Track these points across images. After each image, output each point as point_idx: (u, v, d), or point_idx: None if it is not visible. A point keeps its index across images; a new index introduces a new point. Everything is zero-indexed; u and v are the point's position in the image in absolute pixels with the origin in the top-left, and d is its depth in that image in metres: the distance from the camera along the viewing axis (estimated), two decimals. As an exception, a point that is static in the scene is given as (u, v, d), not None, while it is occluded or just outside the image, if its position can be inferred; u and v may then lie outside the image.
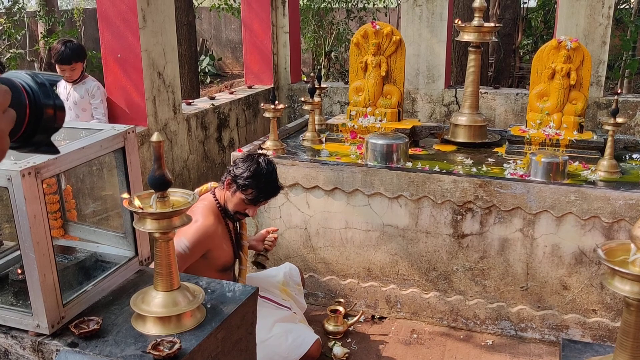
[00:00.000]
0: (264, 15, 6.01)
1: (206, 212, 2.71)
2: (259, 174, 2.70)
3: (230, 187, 2.74)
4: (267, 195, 2.77)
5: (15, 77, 0.76)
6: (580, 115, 3.76)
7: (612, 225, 3.12)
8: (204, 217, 2.68)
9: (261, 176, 2.70)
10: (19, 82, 0.76)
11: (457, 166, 3.59)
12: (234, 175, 2.71)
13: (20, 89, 0.76)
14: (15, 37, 8.15)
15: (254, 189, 2.71)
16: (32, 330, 1.73)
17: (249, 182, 2.69)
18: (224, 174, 2.84)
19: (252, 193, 2.72)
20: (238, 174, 2.70)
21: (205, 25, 15.08)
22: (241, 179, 2.69)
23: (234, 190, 2.74)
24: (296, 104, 6.17)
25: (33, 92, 0.77)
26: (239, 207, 2.77)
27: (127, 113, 4.02)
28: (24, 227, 1.61)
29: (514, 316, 3.43)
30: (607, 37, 5.13)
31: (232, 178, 2.72)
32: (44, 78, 0.80)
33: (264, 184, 2.71)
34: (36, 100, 0.77)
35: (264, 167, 2.72)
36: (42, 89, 0.78)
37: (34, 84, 0.78)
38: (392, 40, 3.99)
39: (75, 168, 2.13)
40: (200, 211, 2.71)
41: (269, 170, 2.74)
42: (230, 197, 2.76)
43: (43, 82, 0.79)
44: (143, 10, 3.85)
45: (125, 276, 2.01)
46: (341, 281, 3.73)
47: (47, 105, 0.78)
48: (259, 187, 2.71)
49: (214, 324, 1.76)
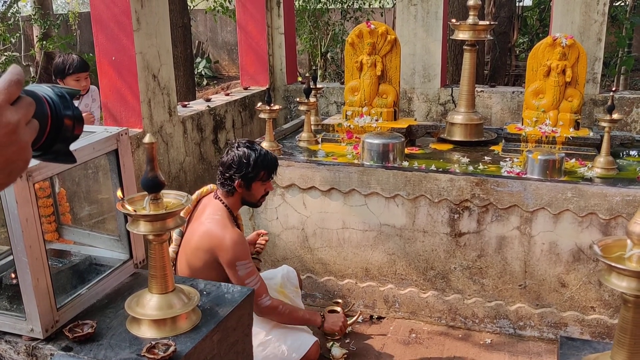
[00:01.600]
0: (259, 17, 6.00)
1: (228, 224, 2.70)
2: (256, 155, 2.74)
3: (243, 186, 2.76)
4: (274, 164, 2.83)
5: (37, 89, 0.80)
6: (576, 112, 3.75)
7: (610, 222, 3.11)
8: (231, 231, 2.67)
9: (258, 155, 2.75)
10: (41, 94, 0.80)
11: (453, 165, 3.58)
12: (241, 174, 2.73)
13: (43, 100, 0.79)
14: (9, 41, 8.13)
15: (263, 169, 2.77)
16: (26, 335, 1.72)
17: (256, 168, 2.74)
18: (220, 180, 2.81)
19: (264, 173, 2.78)
20: (243, 170, 2.72)
21: (201, 27, 15.07)
22: (250, 172, 2.73)
23: (248, 185, 2.77)
24: (292, 105, 6.16)
25: (54, 104, 0.81)
26: (260, 192, 2.84)
27: (122, 115, 4.00)
28: (16, 230, 1.60)
29: (513, 314, 3.42)
30: (603, 34, 5.13)
31: (244, 178, 2.73)
32: (64, 91, 0.84)
33: (264, 159, 2.77)
34: (57, 111, 0.81)
35: (252, 149, 2.76)
36: (62, 101, 0.82)
37: (54, 96, 0.82)
38: (387, 39, 3.98)
39: (68, 171, 2.12)
40: (222, 224, 2.68)
41: (256, 148, 2.78)
42: (248, 192, 2.79)
43: (63, 94, 0.83)
44: (137, 13, 3.84)
45: (120, 279, 2.00)
46: (339, 281, 3.72)
47: (66, 116, 0.82)
48: (264, 164, 2.77)
49: (209, 326, 1.75)
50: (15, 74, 0.70)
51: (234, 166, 2.72)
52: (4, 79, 0.69)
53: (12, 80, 0.69)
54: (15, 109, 0.69)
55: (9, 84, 0.69)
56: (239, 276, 2.63)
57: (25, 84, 0.73)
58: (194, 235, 2.71)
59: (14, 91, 0.69)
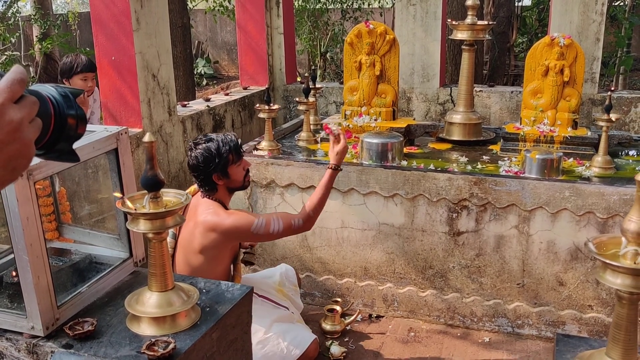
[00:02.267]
0: (258, 17, 6.01)
1: (221, 211, 2.71)
2: (216, 144, 2.71)
3: (221, 176, 2.74)
4: (235, 142, 2.78)
5: (41, 89, 0.82)
6: (574, 111, 3.77)
7: (607, 221, 3.13)
8: (225, 213, 2.69)
9: (218, 143, 2.72)
10: (45, 94, 0.81)
11: (452, 164, 3.59)
12: (212, 168, 2.71)
13: (47, 100, 0.81)
14: (9, 41, 8.14)
15: (229, 152, 2.73)
16: (27, 332, 1.73)
17: (223, 154, 2.71)
18: (199, 184, 2.80)
19: (232, 156, 2.75)
20: (212, 163, 2.70)
21: (201, 27, 15.08)
22: (219, 161, 2.70)
23: (224, 173, 2.74)
24: (292, 105, 6.17)
25: (58, 103, 0.83)
26: (240, 173, 2.81)
27: (122, 115, 4.01)
28: (16, 229, 1.61)
29: (511, 313, 3.44)
30: (601, 33, 5.14)
31: (216, 170, 2.71)
32: (67, 90, 0.86)
33: (225, 143, 2.74)
34: (60, 110, 0.83)
35: (209, 140, 2.74)
36: (65, 100, 0.84)
37: (58, 95, 0.83)
38: (386, 39, 4.00)
39: (68, 170, 2.13)
40: (217, 213, 2.67)
41: (212, 137, 2.76)
42: (229, 180, 2.77)
43: (66, 93, 0.85)
44: (137, 13, 3.85)
45: (120, 277, 2.01)
46: (338, 280, 3.73)
47: (70, 115, 0.84)
48: (228, 147, 2.73)
49: (209, 324, 1.77)
50: (18, 73, 0.72)
51: (202, 164, 2.69)
52: (7, 78, 0.71)
53: (15, 79, 0.71)
54: (19, 107, 0.71)
55: (12, 83, 0.70)
56: (262, 235, 2.66)
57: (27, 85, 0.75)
58: (195, 236, 2.70)
59: (17, 90, 0.71)
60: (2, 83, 0.70)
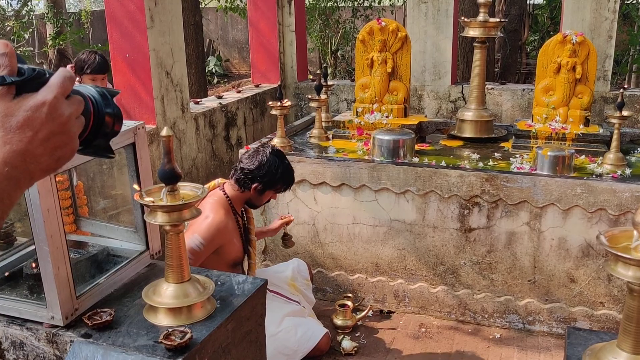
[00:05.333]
0: (270, 15, 6.05)
1: (216, 208, 2.75)
2: (283, 169, 2.86)
3: (258, 190, 2.85)
4: (292, 181, 2.96)
5: (81, 89, 0.87)
6: (586, 109, 3.77)
7: (619, 218, 3.13)
8: (214, 213, 2.72)
9: (285, 169, 2.87)
10: (85, 93, 0.87)
11: (463, 161, 3.60)
12: (263, 180, 2.81)
13: (87, 99, 0.86)
14: (23, 37, 8.22)
15: (283, 183, 2.90)
16: (47, 322, 1.77)
17: (279, 180, 2.86)
18: (234, 173, 2.88)
19: (281, 186, 2.91)
20: (267, 177, 2.81)
21: (212, 26, 15.14)
22: (272, 181, 2.83)
23: (263, 190, 2.86)
24: (303, 102, 6.20)
25: (96, 102, 0.88)
26: (267, 199, 2.95)
27: (136, 112, 4.06)
28: (37, 221, 1.65)
29: (522, 309, 3.45)
30: (613, 31, 5.13)
31: (262, 183, 2.82)
32: (105, 90, 0.91)
33: (288, 174, 2.90)
34: (99, 108, 0.88)
35: (282, 160, 2.88)
36: (103, 99, 0.89)
37: (97, 95, 0.89)
38: (398, 36, 4.01)
39: (85, 165, 2.17)
40: (210, 207, 2.74)
41: (285, 162, 2.90)
42: (259, 197, 2.89)
43: (104, 93, 0.90)
44: (151, 10, 3.89)
45: (137, 269, 2.05)
46: (349, 276, 3.76)
47: (107, 113, 0.89)
48: (286, 179, 2.89)
49: (224, 315, 1.80)
50: (67, 72, 0.78)
51: (262, 170, 2.79)
52: (59, 75, 0.77)
53: (66, 76, 0.77)
54: (69, 104, 0.77)
55: (64, 80, 0.77)
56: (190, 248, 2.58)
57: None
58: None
59: (68, 86, 0.77)
60: (55, 80, 0.76)
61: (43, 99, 0.74)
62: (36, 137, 0.73)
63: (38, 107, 0.73)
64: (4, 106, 0.73)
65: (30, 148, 0.73)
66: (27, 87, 0.75)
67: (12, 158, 0.71)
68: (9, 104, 0.73)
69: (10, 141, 0.71)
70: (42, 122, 0.74)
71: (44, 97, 0.74)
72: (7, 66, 0.73)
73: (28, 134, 0.72)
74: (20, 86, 0.74)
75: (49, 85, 0.76)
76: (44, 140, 0.74)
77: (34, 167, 0.74)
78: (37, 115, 0.73)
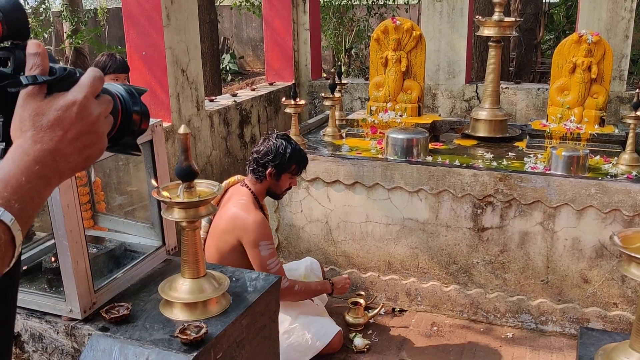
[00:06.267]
0: (285, 13, 6.07)
1: (248, 206, 2.82)
2: (292, 149, 2.89)
3: (273, 175, 2.89)
4: (306, 160, 2.99)
5: (110, 87, 0.89)
6: (601, 109, 3.75)
7: (634, 219, 3.12)
8: (255, 213, 2.80)
9: (293, 149, 2.90)
10: (114, 91, 0.88)
11: (477, 160, 3.60)
12: (275, 163, 2.86)
13: (115, 97, 0.87)
14: (42, 36, 8.31)
15: (295, 163, 2.92)
16: (65, 315, 1.80)
17: (290, 160, 2.88)
18: (249, 165, 2.93)
19: (295, 167, 2.93)
20: (278, 160, 2.85)
21: (227, 23, 15.19)
22: (284, 162, 2.86)
23: (278, 175, 2.90)
24: (317, 101, 6.22)
25: (124, 100, 0.89)
26: (285, 185, 2.97)
27: (151, 109, 4.10)
28: (57, 216, 1.69)
29: (535, 309, 3.44)
30: (630, 31, 5.09)
31: (276, 166, 2.86)
32: (133, 89, 0.92)
33: (299, 154, 2.93)
34: (127, 107, 0.89)
35: (289, 142, 2.91)
36: (131, 98, 0.90)
37: (125, 93, 0.90)
38: (413, 35, 4.01)
39: (102, 161, 2.21)
40: (241, 207, 2.80)
41: (292, 142, 2.93)
42: (276, 182, 2.92)
43: (132, 91, 0.91)
44: (167, 9, 3.93)
45: (153, 265, 2.08)
46: (362, 274, 3.78)
47: (135, 112, 0.90)
48: (298, 158, 2.92)
49: (238, 311, 1.82)
50: (97, 71, 0.80)
51: (270, 154, 2.84)
52: (89, 75, 0.78)
53: (95, 76, 0.78)
54: (98, 103, 0.79)
55: (94, 80, 0.78)
56: (261, 256, 2.74)
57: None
58: (222, 220, 2.82)
59: (97, 86, 0.79)
60: (85, 79, 0.78)
61: (74, 99, 0.76)
62: (66, 136, 0.75)
63: (69, 107, 0.75)
64: (35, 105, 0.74)
65: (60, 147, 0.74)
66: (58, 86, 0.76)
67: (42, 157, 0.73)
68: (40, 103, 0.74)
69: (41, 140, 0.73)
70: (72, 122, 0.75)
71: (75, 96, 0.76)
72: (39, 66, 0.75)
73: (58, 133, 0.74)
74: (52, 85, 0.76)
75: (79, 84, 0.77)
76: (73, 139, 0.75)
77: (64, 165, 0.75)
78: (67, 114, 0.75)
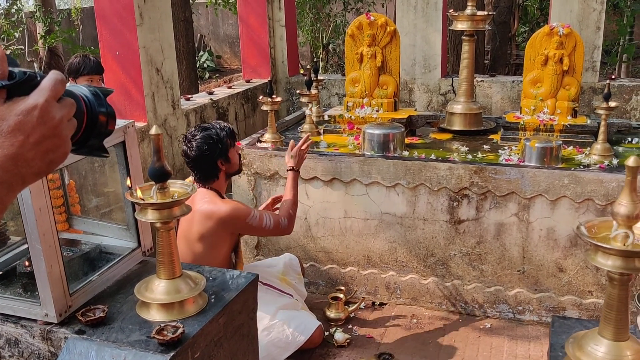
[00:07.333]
0: (260, 10, 6.05)
1: (218, 200, 2.80)
2: (215, 130, 2.83)
3: (224, 161, 2.85)
4: (228, 127, 2.92)
5: (74, 89, 0.87)
6: (573, 100, 3.81)
7: (606, 208, 3.17)
8: (222, 202, 2.80)
9: (215, 129, 2.84)
10: (78, 93, 0.87)
11: (452, 154, 3.64)
12: (217, 154, 2.81)
13: (80, 99, 0.86)
14: (13, 36, 8.19)
15: (227, 137, 2.86)
16: (41, 319, 1.80)
17: (223, 139, 2.83)
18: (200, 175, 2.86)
19: (229, 140, 2.87)
20: (217, 149, 2.80)
21: (203, 21, 15.10)
22: (221, 146, 2.81)
23: (226, 157, 2.86)
24: (294, 97, 6.22)
25: (90, 102, 0.88)
26: (236, 157, 2.93)
27: (126, 109, 4.07)
28: (30, 220, 1.67)
29: (512, 299, 3.49)
30: (601, 22, 5.17)
31: (221, 155, 2.82)
32: (98, 90, 0.91)
33: (222, 128, 2.87)
34: (92, 108, 0.88)
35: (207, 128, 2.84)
36: (96, 99, 0.89)
37: (90, 95, 0.89)
38: (387, 31, 4.03)
39: (76, 163, 2.19)
40: (214, 202, 2.77)
41: (208, 126, 2.87)
42: (229, 164, 2.88)
43: (97, 92, 0.90)
44: (140, 8, 3.90)
45: (129, 266, 2.08)
46: (341, 269, 3.80)
47: (101, 113, 0.89)
48: (225, 132, 2.86)
49: (215, 310, 1.83)
50: (59, 74, 0.78)
51: (207, 151, 2.77)
52: (50, 79, 0.77)
53: (57, 79, 0.77)
54: (60, 107, 0.78)
55: (56, 83, 0.77)
56: (255, 227, 2.80)
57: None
58: (193, 224, 2.77)
59: (59, 89, 0.77)
60: (46, 83, 0.76)
61: (34, 103, 0.74)
62: (28, 141, 0.73)
63: (29, 111, 0.74)
64: None
65: (22, 152, 0.73)
66: (18, 90, 0.75)
67: (3, 162, 0.72)
68: (0, 108, 0.73)
69: (1, 145, 0.72)
70: (33, 126, 0.74)
71: (36, 100, 0.74)
72: None
73: (19, 138, 0.73)
74: (11, 90, 0.74)
75: (40, 88, 0.76)
76: (35, 144, 0.74)
77: (26, 170, 0.74)
78: (28, 119, 0.73)
